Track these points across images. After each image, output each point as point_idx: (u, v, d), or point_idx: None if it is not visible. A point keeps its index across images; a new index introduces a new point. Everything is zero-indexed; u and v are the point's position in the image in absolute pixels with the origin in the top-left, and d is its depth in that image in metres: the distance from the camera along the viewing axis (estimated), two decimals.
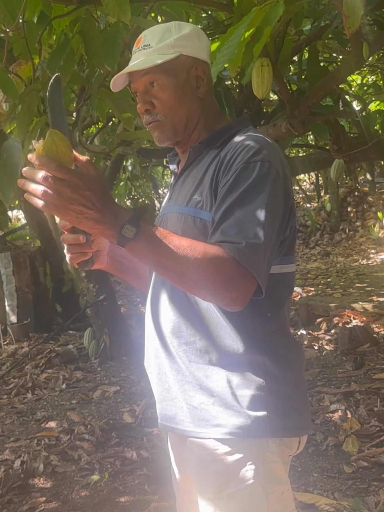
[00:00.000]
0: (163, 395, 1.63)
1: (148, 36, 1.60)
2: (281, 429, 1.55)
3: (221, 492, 1.55)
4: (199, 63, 1.62)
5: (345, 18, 1.77)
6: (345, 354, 5.27)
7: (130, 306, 8.12)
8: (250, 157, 1.46)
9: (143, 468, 3.55)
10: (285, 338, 1.61)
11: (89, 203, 1.26)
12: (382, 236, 11.46)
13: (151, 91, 1.58)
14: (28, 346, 6.17)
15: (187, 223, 1.54)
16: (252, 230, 1.38)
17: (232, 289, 1.37)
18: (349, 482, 3.18)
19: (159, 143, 1.65)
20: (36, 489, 3.43)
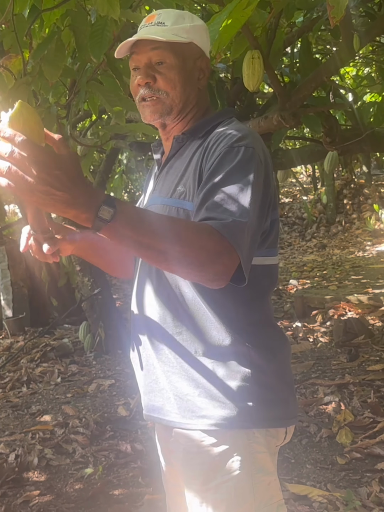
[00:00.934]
0: (150, 386, 1.63)
1: (163, 15, 1.60)
2: (267, 420, 1.56)
3: (207, 484, 1.55)
4: (204, 56, 1.65)
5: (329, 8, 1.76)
6: (340, 346, 5.28)
7: (125, 299, 8.12)
8: (234, 142, 1.47)
9: (137, 461, 3.56)
10: (269, 328, 1.62)
11: (58, 183, 1.12)
12: (378, 228, 11.47)
13: (156, 67, 1.58)
14: (23, 340, 6.17)
15: (171, 214, 1.53)
16: (238, 210, 1.37)
17: (217, 263, 1.33)
18: (342, 474, 3.19)
19: (149, 119, 1.62)
20: (30, 482, 3.44)
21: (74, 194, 1.15)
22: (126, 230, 1.24)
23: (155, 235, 1.26)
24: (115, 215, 1.20)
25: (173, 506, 1.80)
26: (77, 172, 1.17)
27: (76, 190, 1.15)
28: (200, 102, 1.66)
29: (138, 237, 1.25)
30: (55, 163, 1.13)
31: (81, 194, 1.16)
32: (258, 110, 4.24)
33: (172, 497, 1.79)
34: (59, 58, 2.68)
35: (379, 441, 3.44)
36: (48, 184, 1.12)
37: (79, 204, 1.17)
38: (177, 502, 1.74)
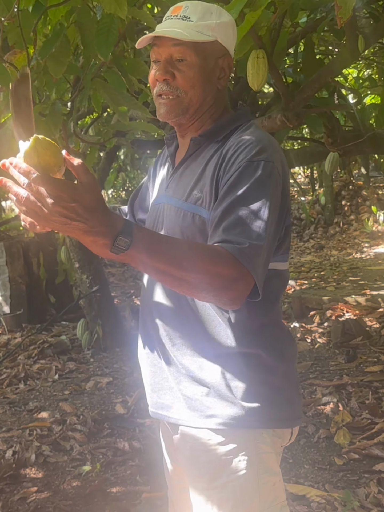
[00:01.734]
0: (160, 384, 1.63)
1: (190, 8, 1.55)
2: (274, 420, 1.56)
3: (213, 482, 1.56)
4: (227, 55, 1.60)
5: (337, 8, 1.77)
6: (338, 347, 5.29)
7: (124, 297, 8.11)
8: (254, 156, 1.44)
9: (135, 459, 3.56)
10: (278, 330, 1.62)
11: (73, 214, 1.16)
12: (376, 230, 11.49)
13: (176, 64, 1.54)
14: (21, 337, 6.16)
15: (186, 220, 1.53)
16: (255, 231, 1.37)
17: (231, 289, 1.35)
18: (340, 474, 3.20)
19: (164, 117, 1.60)
20: (28, 479, 3.44)
21: (90, 224, 1.18)
22: (143, 257, 1.27)
23: (171, 262, 1.29)
24: (131, 244, 1.23)
25: (177, 503, 1.80)
26: (95, 201, 1.19)
27: (93, 220, 1.18)
28: (218, 102, 1.62)
29: (154, 263, 1.29)
30: (69, 196, 1.15)
31: (98, 224, 1.19)
32: (260, 110, 4.24)
33: (177, 494, 1.79)
34: (64, 55, 2.68)
35: (377, 442, 3.45)
36: (63, 216, 1.16)
37: (96, 233, 1.20)
38: (182, 499, 1.74)
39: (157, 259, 1.28)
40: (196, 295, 1.41)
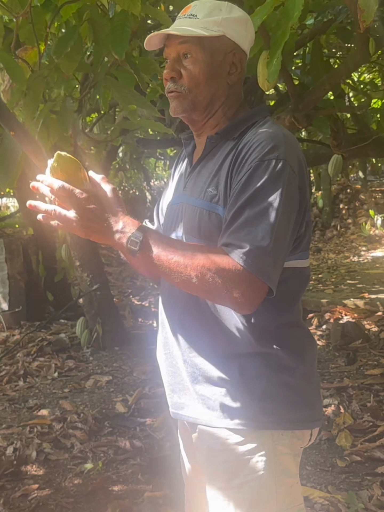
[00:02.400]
0: (181, 385, 1.63)
1: (197, 7, 1.56)
2: (293, 422, 1.56)
3: (231, 482, 1.55)
4: (238, 50, 1.58)
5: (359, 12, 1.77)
6: (337, 350, 5.29)
7: (121, 297, 8.11)
8: (265, 155, 1.43)
9: (136, 457, 3.55)
10: (298, 330, 1.61)
11: (93, 216, 1.35)
12: (373, 234, 11.51)
13: (182, 61, 1.55)
14: (19, 334, 6.15)
15: (203, 218, 1.53)
16: (261, 231, 1.38)
17: (235, 293, 1.37)
18: (342, 476, 3.20)
19: (174, 113, 1.61)
20: (29, 476, 3.43)
21: (107, 225, 1.38)
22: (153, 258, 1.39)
23: (177, 263, 1.39)
24: (141, 245, 1.37)
25: (194, 501, 1.80)
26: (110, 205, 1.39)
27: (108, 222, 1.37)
28: (230, 98, 1.61)
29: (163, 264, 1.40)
30: (88, 199, 1.36)
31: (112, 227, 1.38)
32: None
33: (193, 492, 1.79)
34: (76, 52, 2.68)
35: (379, 444, 3.45)
36: (84, 219, 1.36)
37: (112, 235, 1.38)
38: (198, 498, 1.74)
39: (165, 261, 1.38)
40: (206, 297, 1.48)
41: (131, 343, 5.75)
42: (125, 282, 9.30)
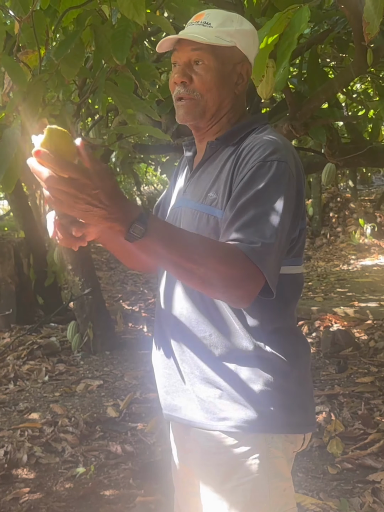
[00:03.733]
0: (175, 386, 1.64)
1: (211, 15, 1.59)
2: (286, 425, 1.57)
3: (224, 484, 1.56)
4: (246, 62, 1.62)
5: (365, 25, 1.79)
6: (328, 357, 5.32)
7: (111, 301, 8.10)
8: (267, 156, 1.46)
9: (128, 462, 3.55)
10: (293, 335, 1.63)
11: (96, 201, 1.20)
12: (362, 242, 11.56)
13: (193, 66, 1.57)
14: (9, 337, 6.13)
15: (201, 221, 1.55)
16: (268, 230, 1.39)
17: (240, 287, 1.38)
18: (333, 483, 3.22)
19: (182, 121, 1.63)
20: (20, 479, 3.42)
21: (110, 210, 1.23)
22: (156, 247, 1.31)
23: (183, 254, 1.32)
24: (146, 232, 1.26)
25: (185, 506, 1.80)
26: (113, 186, 1.24)
27: (112, 206, 1.23)
28: (235, 107, 1.64)
29: (166, 254, 1.32)
30: (93, 183, 1.19)
31: (117, 210, 1.24)
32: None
33: (184, 496, 1.79)
34: (77, 57, 2.68)
35: (370, 452, 3.47)
36: (87, 203, 1.20)
37: (114, 219, 1.25)
38: (190, 503, 1.75)
39: (169, 250, 1.32)
40: (205, 290, 1.42)
41: (122, 347, 5.75)
42: (115, 287, 9.29)
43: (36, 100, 2.69)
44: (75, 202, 1.19)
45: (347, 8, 2.55)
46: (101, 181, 1.20)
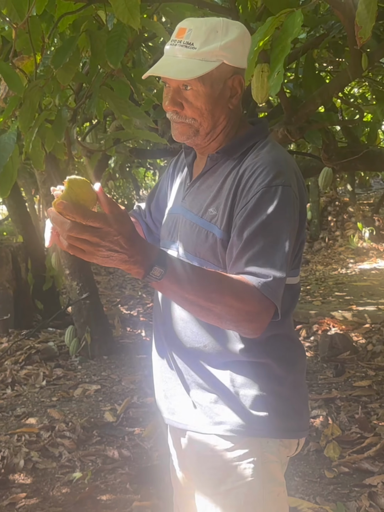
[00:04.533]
0: (174, 390, 1.65)
1: (193, 32, 1.50)
2: (281, 430, 1.58)
3: (218, 488, 1.57)
4: (237, 73, 1.57)
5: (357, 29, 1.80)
6: (326, 361, 5.32)
7: (110, 306, 8.10)
8: (271, 181, 1.46)
9: (125, 467, 3.55)
10: (289, 342, 1.64)
11: (118, 247, 1.22)
12: (360, 246, 11.56)
13: (183, 92, 1.53)
14: (7, 342, 6.12)
15: (200, 237, 1.56)
16: (279, 261, 1.42)
17: (255, 321, 1.42)
18: (330, 487, 3.22)
19: (178, 139, 1.62)
20: (17, 484, 3.41)
21: (130, 253, 1.25)
22: (173, 287, 1.34)
23: (200, 294, 1.36)
24: (165, 274, 1.30)
25: (183, 508, 1.81)
26: (132, 231, 1.26)
27: (131, 250, 1.25)
28: (232, 120, 1.62)
29: (183, 293, 1.36)
30: (115, 230, 1.21)
31: (136, 253, 1.26)
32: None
33: (183, 498, 1.81)
34: (73, 63, 2.70)
35: (367, 456, 3.47)
36: (109, 250, 1.22)
37: (134, 262, 1.27)
38: (189, 505, 1.75)
39: (186, 290, 1.35)
40: (220, 324, 1.45)
41: (119, 352, 5.74)
42: (113, 291, 9.29)
43: (32, 106, 2.70)
44: (97, 250, 1.21)
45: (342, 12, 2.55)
46: (122, 226, 1.22)
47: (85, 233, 1.19)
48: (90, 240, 1.20)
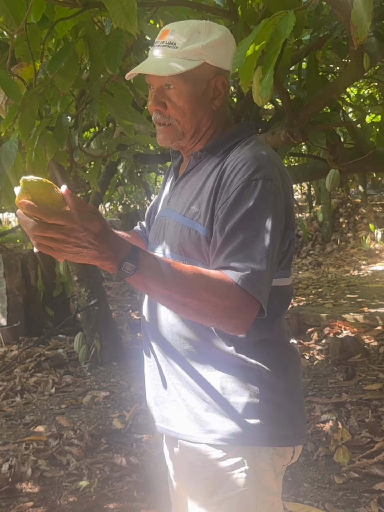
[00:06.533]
0: (162, 397, 1.63)
1: (176, 32, 1.51)
2: (274, 438, 1.54)
3: (210, 498, 1.54)
4: (220, 74, 1.56)
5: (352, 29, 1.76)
6: (336, 365, 5.27)
7: (121, 311, 8.10)
8: (251, 175, 1.44)
9: (132, 474, 3.52)
10: (281, 347, 1.61)
11: (85, 243, 1.23)
12: (373, 248, 11.50)
13: (166, 92, 1.54)
14: (17, 349, 6.13)
15: (183, 234, 1.54)
16: (258, 254, 1.38)
17: (236, 317, 1.38)
18: (339, 493, 3.17)
19: (162, 143, 1.62)
20: (24, 493, 3.40)
21: (100, 249, 1.26)
22: (148, 282, 1.34)
23: (175, 288, 1.34)
24: (137, 269, 1.30)
25: None
26: (102, 228, 1.25)
27: (101, 246, 1.26)
28: (215, 122, 1.61)
29: (159, 289, 1.35)
30: (80, 226, 1.22)
31: (107, 249, 1.27)
32: (263, 126, 4.25)
33: (179, 510, 1.77)
34: (72, 69, 2.68)
35: (377, 461, 3.42)
36: (76, 246, 1.23)
37: (105, 258, 1.28)
38: None
39: (161, 285, 1.34)
40: (201, 320, 1.42)
41: (129, 358, 5.72)
42: (124, 297, 9.29)
43: (32, 113, 2.69)
44: (64, 246, 1.22)
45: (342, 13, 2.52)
46: (89, 223, 1.22)
47: (48, 231, 1.20)
48: (55, 237, 1.21)
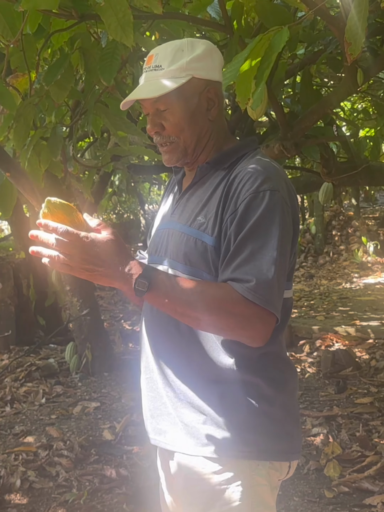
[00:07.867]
0: (159, 410, 1.62)
1: (160, 55, 1.56)
2: (270, 452, 1.54)
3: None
4: (211, 85, 1.59)
5: (346, 45, 1.78)
6: (328, 378, 5.27)
7: (113, 321, 8.07)
8: (259, 186, 1.46)
9: (122, 487, 3.50)
10: (279, 361, 1.61)
11: (99, 260, 1.33)
12: (365, 261, 11.52)
13: (161, 113, 1.57)
14: (8, 359, 6.09)
15: (188, 245, 1.54)
16: (266, 264, 1.40)
17: (247, 328, 1.42)
18: (329, 507, 3.16)
19: (168, 164, 1.64)
20: (12, 505, 3.37)
21: (113, 268, 1.36)
22: (160, 299, 1.41)
23: (186, 305, 1.41)
24: (150, 286, 1.37)
25: None
26: (115, 246, 1.36)
27: (113, 265, 1.36)
28: (215, 132, 1.64)
29: (171, 305, 1.42)
30: (92, 243, 1.33)
31: (119, 269, 1.36)
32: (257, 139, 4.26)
33: None
34: (67, 80, 2.69)
35: (367, 475, 3.41)
36: (90, 263, 1.34)
37: (118, 277, 1.37)
38: None
39: (173, 301, 1.40)
40: (216, 333, 1.49)
41: (120, 368, 5.70)
42: (117, 306, 9.26)
43: (27, 124, 2.69)
44: (80, 263, 1.33)
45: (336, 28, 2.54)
46: (101, 242, 1.34)
47: (65, 246, 1.32)
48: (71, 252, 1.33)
